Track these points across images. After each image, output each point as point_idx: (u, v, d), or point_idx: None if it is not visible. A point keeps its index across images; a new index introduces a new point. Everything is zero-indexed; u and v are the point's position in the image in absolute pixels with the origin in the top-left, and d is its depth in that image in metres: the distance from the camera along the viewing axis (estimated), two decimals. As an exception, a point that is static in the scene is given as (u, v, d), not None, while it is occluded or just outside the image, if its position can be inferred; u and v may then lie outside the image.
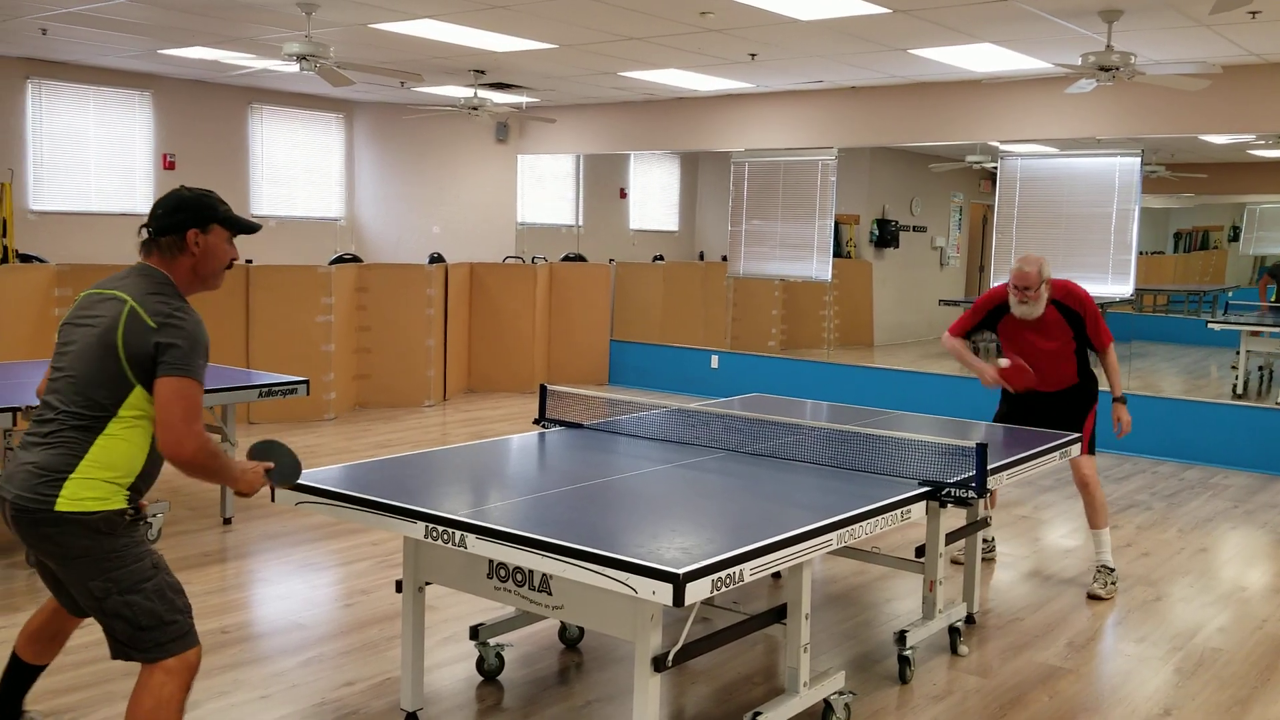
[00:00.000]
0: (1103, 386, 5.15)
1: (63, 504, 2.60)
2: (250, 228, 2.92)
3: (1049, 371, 5.06)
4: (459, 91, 10.85)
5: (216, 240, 2.82)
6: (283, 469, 3.02)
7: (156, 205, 2.82)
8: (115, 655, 2.73)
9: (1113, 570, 5.07)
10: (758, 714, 3.25)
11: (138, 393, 2.66)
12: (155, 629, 2.66)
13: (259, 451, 3.01)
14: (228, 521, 5.75)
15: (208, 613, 4.44)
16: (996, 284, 5.72)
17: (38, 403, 2.80)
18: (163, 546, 5.30)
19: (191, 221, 2.78)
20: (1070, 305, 4.99)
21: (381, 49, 8.79)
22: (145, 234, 2.80)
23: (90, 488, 2.62)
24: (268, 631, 4.32)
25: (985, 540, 5.55)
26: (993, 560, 5.55)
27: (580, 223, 12.56)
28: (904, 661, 3.97)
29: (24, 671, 3.05)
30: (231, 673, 3.86)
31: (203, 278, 2.84)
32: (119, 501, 2.67)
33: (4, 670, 3.06)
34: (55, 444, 2.65)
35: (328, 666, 3.95)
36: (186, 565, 5.05)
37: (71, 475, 2.62)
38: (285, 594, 4.79)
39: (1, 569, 4.89)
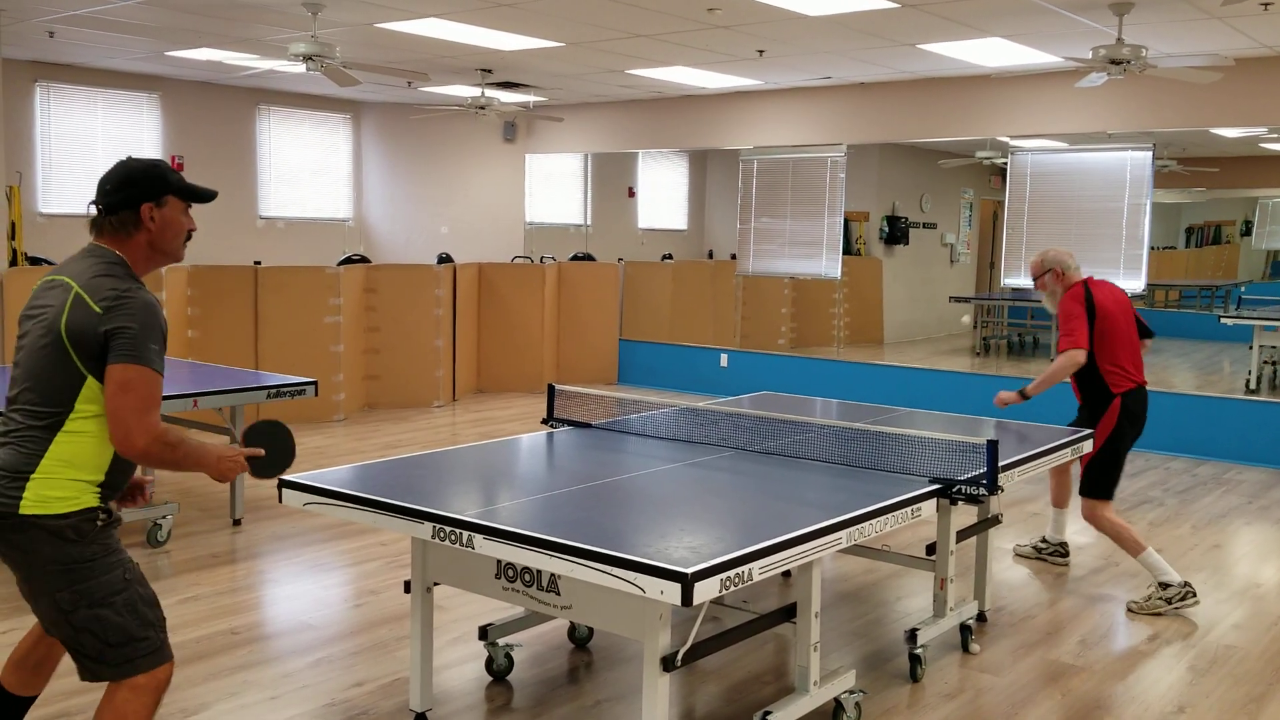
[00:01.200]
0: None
1: (28, 506, 2.42)
2: (207, 195, 2.69)
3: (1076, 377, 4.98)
4: (466, 91, 10.85)
5: (173, 212, 2.63)
6: (273, 459, 2.80)
7: (104, 180, 2.61)
8: (84, 677, 2.55)
9: (1169, 586, 4.67)
10: (768, 713, 3.23)
11: (91, 384, 2.46)
12: (125, 645, 2.50)
13: (257, 434, 2.79)
14: (237, 522, 5.75)
15: (217, 614, 4.44)
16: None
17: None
18: (172, 547, 5.32)
19: (144, 195, 2.59)
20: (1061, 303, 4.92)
21: (388, 49, 8.79)
22: (94, 211, 2.61)
23: (56, 487, 2.44)
24: (277, 632, 4.32)
25: (1046, 540, 5.42)
26: (1065, 565, 5.36)
27: (589, 222, 12.55)
28: (915, 660, 3.95)
29: (10, 704, 2.80)
30: (241, 674, 3.85)
31: (163, 252, 2.65)
32: (89, 500, 2.49)
33: None
34: (16, 442, 2.48)
35: (337, 667, 3.94)
36: (196, 566, 5.06)
37: (34, 475, 2.44)
38: (295, 595, 4.79)
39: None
